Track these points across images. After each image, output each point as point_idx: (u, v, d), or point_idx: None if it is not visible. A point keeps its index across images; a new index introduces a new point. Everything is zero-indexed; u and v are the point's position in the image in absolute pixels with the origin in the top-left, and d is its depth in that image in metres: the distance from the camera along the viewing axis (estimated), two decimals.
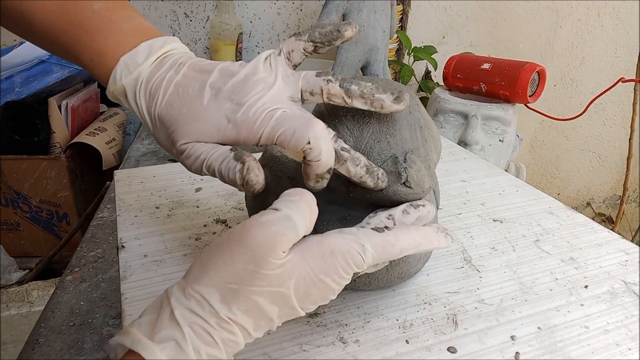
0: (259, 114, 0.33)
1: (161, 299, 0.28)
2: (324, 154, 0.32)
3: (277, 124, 0.32)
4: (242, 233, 0.28)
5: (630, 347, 0.38)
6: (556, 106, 1.86)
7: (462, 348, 0.37)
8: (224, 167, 0.33)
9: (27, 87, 1.08)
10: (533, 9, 1.68)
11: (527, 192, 0.63)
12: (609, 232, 0.55)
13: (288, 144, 0.32)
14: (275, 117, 0.32)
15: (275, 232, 0.28)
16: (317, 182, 0.34)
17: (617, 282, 0.46)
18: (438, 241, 0.34)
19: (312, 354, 0.36)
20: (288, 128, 0.32)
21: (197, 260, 0.29)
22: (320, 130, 0.32)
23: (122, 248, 0.48)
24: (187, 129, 0.34)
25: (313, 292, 0.29)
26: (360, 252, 0.30)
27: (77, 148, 1.15)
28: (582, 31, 1.77)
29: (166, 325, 0.26)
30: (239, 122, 0.33)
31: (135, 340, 0.26)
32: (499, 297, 0.43)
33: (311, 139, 0.31)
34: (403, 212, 0.35)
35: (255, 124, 0.32)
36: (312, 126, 0.32)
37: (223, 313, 0.27)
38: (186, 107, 0.34)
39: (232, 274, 0.27)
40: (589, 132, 1.97)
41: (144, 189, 0.60)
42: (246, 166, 0.32)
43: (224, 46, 1.41)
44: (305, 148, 0.31)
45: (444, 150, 0.76)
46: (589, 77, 1.86)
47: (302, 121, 0.32)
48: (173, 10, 1.44)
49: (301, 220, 0.29)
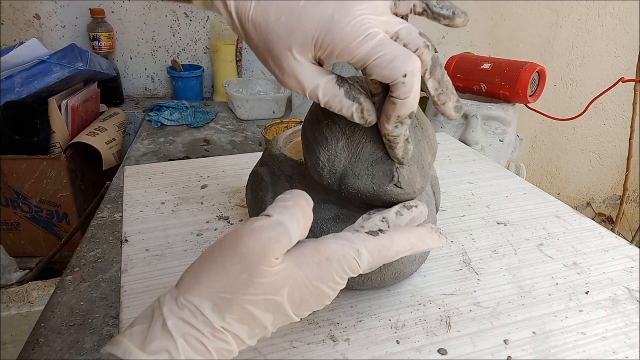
0: (361, 30, 0.30)
1: (152, 308, 0.28)
2: (413, 93, 0.30)
3: (377, 46, 0.30)
4: (234, 241, 0.28)
5: (628, 355, 0.38)
6: (556, 106, 1.86)
7: (452, 350, 0.37)
8: (337, 102, 0.32)
9: (27, 87, 1.08)
10: (533, 9, 1.68)
11: (535, 195, 0.63)
12: (616, 237, 0.54)
13: (382, 70, 0.30)
14: (378, 38, 0.30)
15: (268, 239, 0.27)
16: (396, 127, 0.32)
17: (620, 289, 0.45)
18: (432, 241, 0.34)
19: (302, 350, 0.36)
20: (387, 53, 0.30)
21: (190, 269, 0.28)
22: (418, 66, 0.30)
23: (125, 242, 0.49)
24: (288, 41, 0.31)
25: (308, 299, 0.29)
26: (356, 257, 0.30)
27: (77, 148, 1.16)
28: (582, 31, 1.77)
29: (158, 336, 0.26)
30: (337, 33, 0.30)
31: (127, 351, 0.25)
32: (495, 301, 0.43)
33: (408, 72, 0.30)
34: (396, 214, 0.35)
35: (355, 41, 0.30)
36: (412, 60, 0.30)
37: (217, 323, 0.26)
38: (284, 14, 0.31)
39: (225, 283, 0.27)
40: (589, 132, 1.97)
41: (152, 184, 0.61)
42: (363, 107, 0.32)
43: (224, 46, 1.41)
44: (398, 80, 0.30)
45: (452, 152, 0.76)
46: (589, 77, 1.86)
47: (403, 51, 0.30)
48: (173, 10, 1.44)
49: (294, 226, 0.28)
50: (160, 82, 1.53)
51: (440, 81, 0.33)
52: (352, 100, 0.32)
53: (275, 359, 0.36)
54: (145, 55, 1.48)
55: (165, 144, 1.16)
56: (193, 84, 1.45)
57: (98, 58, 1.23)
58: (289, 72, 0.32)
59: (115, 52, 1.44)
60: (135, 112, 1.41)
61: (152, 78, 1.52)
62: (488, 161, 0.73)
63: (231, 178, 0.64)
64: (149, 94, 1.54)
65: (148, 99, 1.52)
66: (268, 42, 0.32)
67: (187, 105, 1.35)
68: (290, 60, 0.31)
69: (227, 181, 0.63)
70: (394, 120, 0.32)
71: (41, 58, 1.10)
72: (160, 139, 1.19)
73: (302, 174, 0.42)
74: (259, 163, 0.48)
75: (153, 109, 1.32)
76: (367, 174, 0.36)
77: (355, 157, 0.36)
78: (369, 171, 0.36)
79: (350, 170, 0.36)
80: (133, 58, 1.48)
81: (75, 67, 1.11)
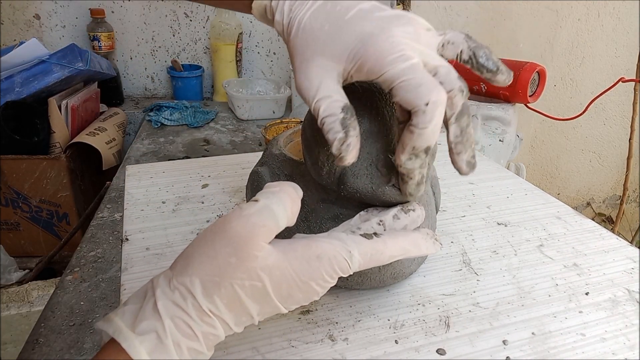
0: (396, 50, 0.30)
1: (146, 288, 0.28)
2: (433, 125, 0.30)
3: (407, 69, 0.30)
4: (223, 225, 0.28)
5: (628, 356, 0.38)
6: (556, 106, 1.86)
7: (451, 350, 0.37)
8: (328, 122, 0.31)
9: (27, 87, 1.08)
10: (533, 9, 1.68)
11: (536, 195, 0.63)
12: (617, 238, 0.53)
13: (406, 93, 0.30)
14: (410, 62, 0.30)
15: (255, 224, 0.28)
16: (409, 159, 0.32)
17: (620, 290, 0.45)
18: (427, 247, 0.34)
19: (301, 350, 0.37)
20: (415, 78, 0.30)
21: (184, 252, 0.29)
22: (443, 99, 0.30)
23: (126, 241, 0.49)
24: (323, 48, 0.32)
25: (296, 294, 0.29)
26: (347, 259, 0.30)
27: (77, 148, 1.15)
28: (582, 31, 1.77)
29: (148, 316, 0.27)
30: (372, 47, 0.31)
31: (117, 329, 0.26)
32: (494, 301, 0.43)
33: (432, 102, 0.29)
34: (394, 217, 0.35)
35: (387, 58, 0.30)
36: (438, 90, 0.30)
37: (205, 305, 0.27)
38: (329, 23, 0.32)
39: (215, 265, 0.28)
40: (589, 132, 1.97)
41: (153, 184, 0.61)
42: (347, 142, 0.30)
43: (224, 46, 1.41)
44: (420, 108, 0.29)
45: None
46: (589, 77, 1.85)
47: (431, 81, 0.30)
48: (173, 10, 1.44)
49: (281, 210, 0.29)
50: (160, 82, 1.53)
51: (463, 130, 0.32)
52: (343, 129, 0.31)
53: (273, 358, 0.36)
54: (145, 55, 1.49)
55: (165, 144, 1.16)
56: (193, 84, 1.45)
57: (98, 58, 1.23)
58: (309, 75, 0.32)
59: (115, 52, 1.44)
60: (135, 112, 1.41)
61: (152, 78, 1.52)
62: (489, 162, 0.73)
63: (232, 178, 0.64)
64: (149, 94, 1.54)
65: (148, 99, 1.52)
66: (305, 45, 0.33)
67: (187, 105, 1.35)
68: (317, 66, 0.32)
69: (228, 181, 0.63)
70: (408, 151, 0.31)
71: (41, 58, 1.10)
72: (160, 139, 1.19)
73: (302, 174, 0.42)
74: (259, 163, 0.48)
75: (153, 109, 1.32)
76: (366, 174, 0.36)
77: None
78: (368, 171, 0.36)
79: (349, 169, 0.36)
80: (133, 58, 1.48)
81: (75, 67, 1.11)
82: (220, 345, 0.36)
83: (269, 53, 1.56)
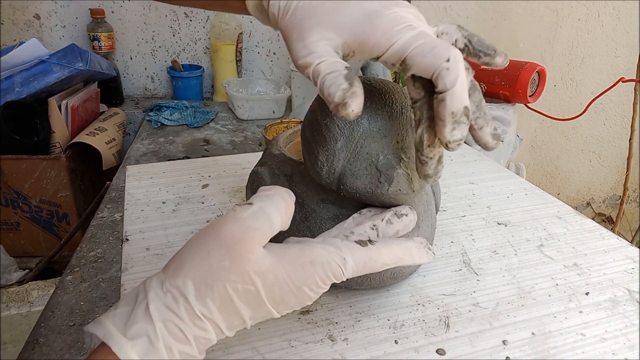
0: (402, 21, 0.30)
1: (138, 291, 0.28)
2: (460, 81, 0.28)
3: (417, 35, 0.30)
4: (217, 228, 0.28)
5: (628, 356, 0.38)
6: (556, 106, 1.86)
7: (451, 350, 0.37)
8: (330, 78, 0.29)
9: (27, 87, 1.08)
10: (533, 9, 1.68)
11: (536, 195, 0.63)
12: (617, 238, 0.54)
13: (423, 58, 0.29)
14: (419, 29, 0.30)
15: (249, 227, 0.28)
16: (454, 129, 0.30)
17: (620, 290, 0.45)
18: (420, 256, 0.34)
19: (300, 350, 0.37)
20: (428, 42, 0.29)
21: (177, 254, 0.29)
22: (460, 54, 0.29)
23: (126, 241, 0.49)
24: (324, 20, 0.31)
25: (289, 299, 0.29)
26: (341, 265, 0.30)
27: (77, 148, 1.15)
28: (582, 31, 1.77)
29: (140, 320, 0.26)
30: (378, 20, 0.30)
31: (108, 333, 0.26)
32: (494, 301, 0.43)
33: (452, 57, 0.28)
34: (387, 222, 0.36)
35: (395, 28, 0.30)
36: (452, 48, 0.29)
37: (198, 308, 0.27)
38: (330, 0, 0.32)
39: (208, 268, 0.27)
40: (589, 132, 1.97)
41: (153, 184, 0.61)
42: (352, 90, 0.29)
43: (224, 46, 1.41)
44: (442, 67, 0.28)
45: (454, 152, 0.75)
46: (589, 77, 1.85)
47: (442, 42, 0.30)
48: (173, 10, 1.44)
49: (276, 214, 0.29)
50: (160, 82, 1.53)
51: (478, 105, 0.32)
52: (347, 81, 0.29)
53: (273, 358, 0.36)
54: (145, 55, 1.48)
55: (165, 144, 1.16)
56: (193, 84, 1.45)
57: (98, 58, 1.23)
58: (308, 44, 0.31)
59: (115, 52, 1.44)
60: (135, 112, 1.41)
61: (152, 78, 1.52)
62: (490, 162, 0.73)
63: (232, 178, 0.64)
64: (149, 94, 1.54)
65: (148, 99, 1.52)
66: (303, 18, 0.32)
67: (187, 105, 1.35)
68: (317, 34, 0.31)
69: (228, 181, 0.63)
70: (450, 120, 0.29)
71: (41, 58, 1.10)
72: (160, 139, 1.19)
73: (302, 174, 0.42)
74: (259, 163, 0.48)
75: (153, 109, 1.32)
76: (366, 174, 0.36)
77: (354, 157, 0.36)
78: (367, 171, 0.36)
79: (348, 170, 0.36)
80: (133, 58, 1.48)
81: (75, 67, 1.11)
82: (220, 345, 0.36)
83: (269, 53, 1.56)
